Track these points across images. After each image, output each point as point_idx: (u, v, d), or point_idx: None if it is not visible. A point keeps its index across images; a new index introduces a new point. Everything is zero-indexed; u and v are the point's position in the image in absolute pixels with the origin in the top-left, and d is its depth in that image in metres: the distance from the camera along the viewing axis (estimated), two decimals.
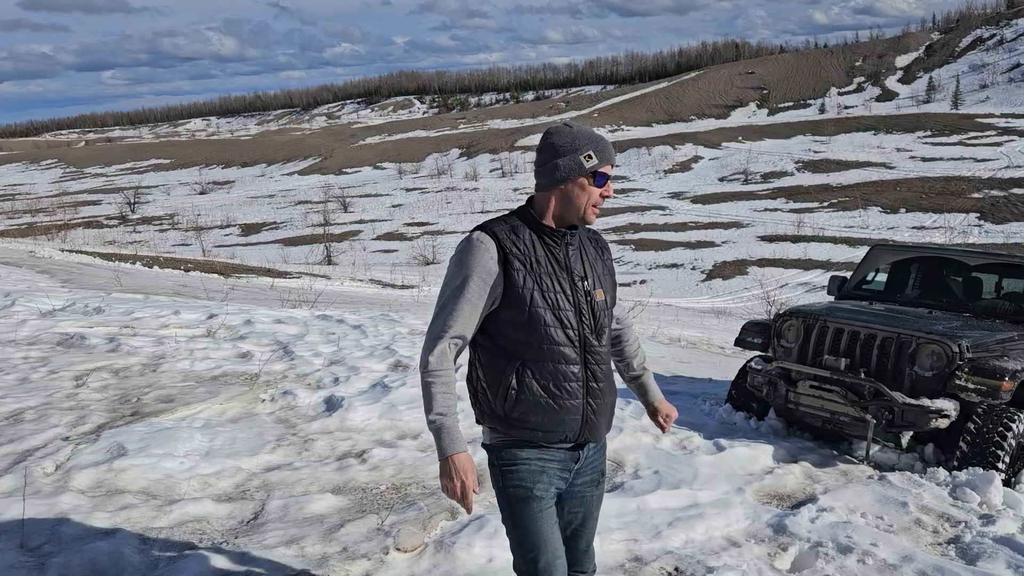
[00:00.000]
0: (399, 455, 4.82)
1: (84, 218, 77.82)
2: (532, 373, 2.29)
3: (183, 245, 59.01)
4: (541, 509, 2.35)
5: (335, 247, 54.25)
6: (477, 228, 2.34)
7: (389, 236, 63.14)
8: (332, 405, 5.71)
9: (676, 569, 3.64)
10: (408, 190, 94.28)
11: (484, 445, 2.44)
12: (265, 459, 4.59)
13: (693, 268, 43.47)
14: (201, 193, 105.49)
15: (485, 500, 4.18)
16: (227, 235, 70.23)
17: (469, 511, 2.30)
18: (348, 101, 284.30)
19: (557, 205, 2.35)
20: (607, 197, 2.39)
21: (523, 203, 2.44)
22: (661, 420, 2.76)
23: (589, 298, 2.37)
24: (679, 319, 22.33)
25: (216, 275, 20.90)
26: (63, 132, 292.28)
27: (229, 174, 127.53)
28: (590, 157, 2.32)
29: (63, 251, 23.09)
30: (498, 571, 3.45)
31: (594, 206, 2.36)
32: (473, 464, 2.27)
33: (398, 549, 3.50)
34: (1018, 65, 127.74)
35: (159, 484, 4.08)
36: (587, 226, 2.49)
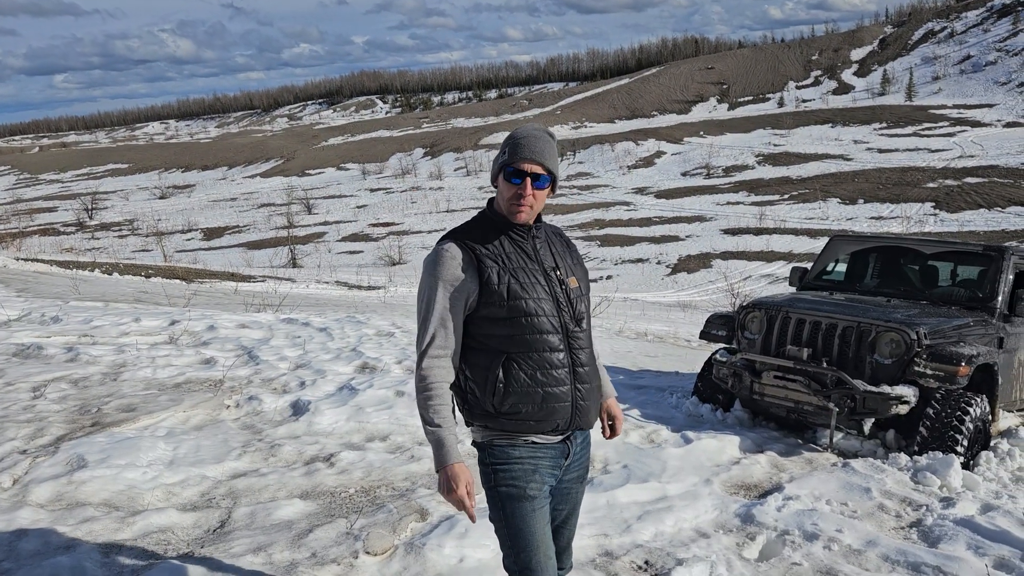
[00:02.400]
0: (368, 458, 4.78)
1: (40, 225, 76.03)
2: (518, 365, 2.32)
3: (144, 251, 57.94)
4: (534, 509, 2.37)
5: (300, 249, 53.64)
6: (444, 239, 2.38)
7: (354, 237, 62.66)
8: (299, 409, 5.65)
9: (646, 562, 3.67)
10: (372, 190, 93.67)
11: (475, 443, 2.45)
12: (231, 466, 4.52)
13: (658, 262, 43.80)
14: (161, 197, 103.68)
15: None
16: (189, 240, 69.14)
17: (473, 519, 2.32)
18: (309, 102, 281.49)
19: (498, 201, 2.42)
20: (522, 196, 2.33)
21: (486, 206, 2.49)
22: (606, 422, 2.72)
23: (564, 286, 2.42)
24: (645, 313, 22.49)
25: (178, 280, 20.54)
26: (15, 138, 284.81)
27: (189, 178, 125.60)
28: (503, 153, 2.36)
29: (18, 260, 22.51)
30: (469, 571, 3.44)
31: (516, 204, 2.35)
32: (469, 474, 2.30)
33: (368, 552, 3.47)
34: (968, 57, 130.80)
35: (121, 495, 4.00)
36: (552, 224, 2.58)
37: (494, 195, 2.46)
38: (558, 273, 2.43)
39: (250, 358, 7.20)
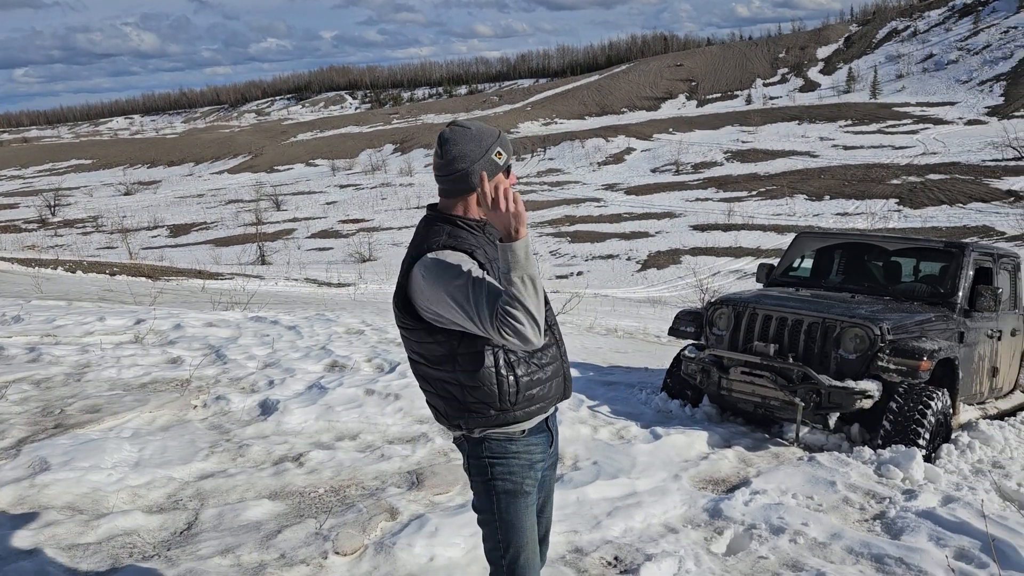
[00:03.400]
0: (337, 457, 4.76)
1: (0, 222, 74.37)
2: (518, 355, 2.32)
3: (108, 248, 56.91)
4: (528, 505, 2.39)
5: (269, 246, 53.05)
6: (427, 251, 2.27)
7: (324, 234, 62.13)
8: (267, 409, 5.60)
9: (615, 558, 3.70)
10: (342, 187, 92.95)
11: (466, 439, 2.40)
12: (198, 467, 4.47)
13: (628, 259, 44.03)
14: (126, 194, 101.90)
15: (425, 499, 4.17)
16: (155, 237, 68.06)
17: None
18: (278, 97, 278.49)
19: (475, 206, 2.38)
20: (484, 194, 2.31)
21: (429, 212, 2.43)
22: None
23: None
24: (615, 309, 22.61)
25: (144, 278, 20.21)
26: None
27: (155, 174, 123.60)
28: (500, 154, 2.38)
29: None
30: (439, 569, 3.44)
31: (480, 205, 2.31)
32: None
33: (337, 553, 3.46)
34: (931, 56, 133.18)
35: (85, 498, 3.94)
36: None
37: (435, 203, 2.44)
38: None
39: (218, 357, 7.12)
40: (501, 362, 2.31)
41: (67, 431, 4.86)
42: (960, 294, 6.23)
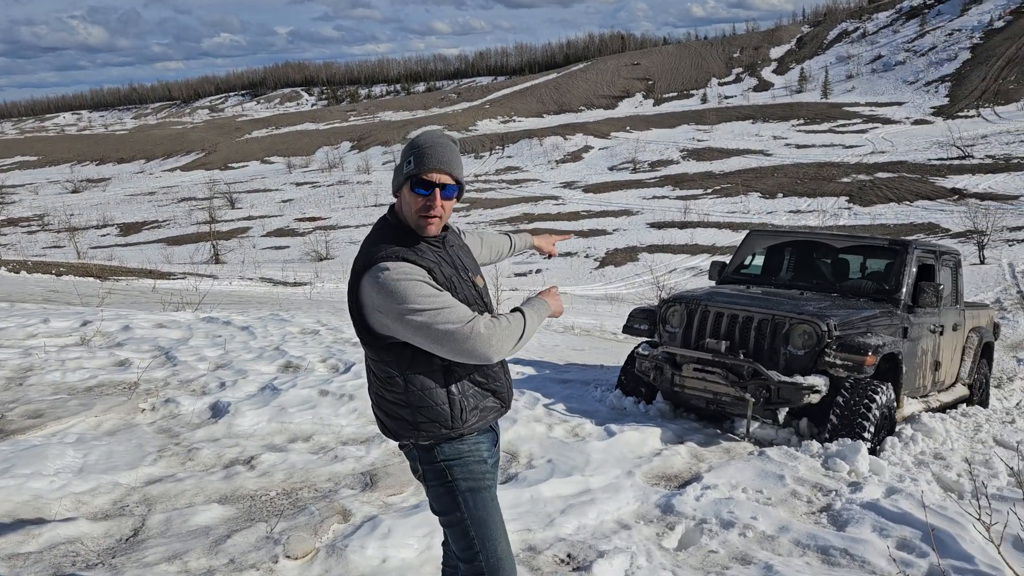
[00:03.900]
0: (290, 459, 4.71)
1: None
2: (464, 372, 2.34)
3: (55, 247, 55.41)
4: (492, 498, 2.42)
5: (223, 245, 52.18)
6: (380, 259, 2.20)
7: (280, 232, 61.33)
8: (218, 411, 5.51)
9: (568, 555, 3.72)
10: (298, 184, 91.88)
11: (416, 447, 2.39)
12: (146, 472, 4.38)
13: (586, 256, 44.29)
14: (74, 192, 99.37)
15: (378, 501, 4.15)
16: (104, 236, 66.47)
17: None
18: (232, 93, 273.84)
19: (403, 211, 2.33)
20: (431, 208, 2.27)
21: (388, 215, 2.39)
22: (549, 247, 3.29)
23: (476, 289, 2.44)
24: (573, 307, 22.74)
25: (92, 279, 19.72)
26: None
27: (104, 171, 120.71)
28: (409, 163, 2.27)
29: None
30: (392, 571, 3.43)
31: (425, 216, 2.27)
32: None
33: (288, 556, 3.42)
34: (879, 57, 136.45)
35: (26, 506, 3.83)
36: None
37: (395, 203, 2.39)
38: (469, 275, 2.44)
39: (167, 359, 6.98)
40: (453, 384, 2.33)
41: (7, 437, 4.72)
42: (904, 291, 6.40)
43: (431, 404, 2.30)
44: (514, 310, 2.33)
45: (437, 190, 2.27)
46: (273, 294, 20.04)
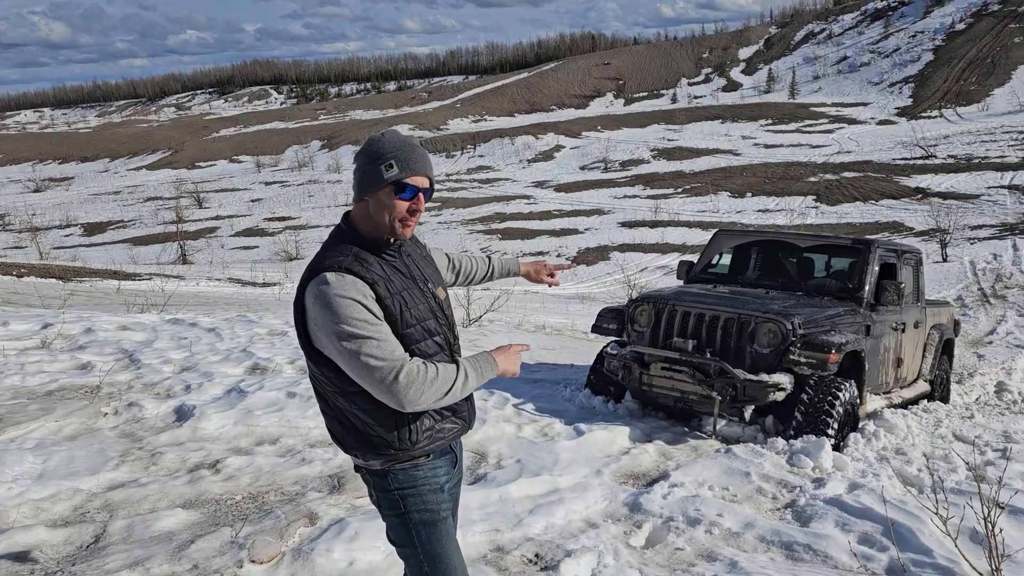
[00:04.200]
0: (256, 462, 4.66)
1: None
2: None
3: (16, 248, 54.23)
4: (448, 529, 2.30)
5: (190, 245, 51.44)
6: (324, 270, 2.10)
7: (249, 232, 60.64)
8: (183, 414, 5.44)
9: (536, 555, 3.73)
10: (268, 184, 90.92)
11: (370, 471, 2.27)
12: (107, 477, 4.31)
13: (558, 255, 44.37)
14: (36, 191, 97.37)
15: (346, 503, 4.13)
16: (67, 236, 65.24)
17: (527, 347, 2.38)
18: (199, 91, 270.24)
19: (367, 218, 2.21)
20: (417, 211, 2.21)
21: (341, 223, 2.28)
22: (545, 276, 3.01)
23: (436, 300, 2.32)
24: (545, 306, 22.79)
25: (54, 280, 19.35)
26: None
27: (67, 170, 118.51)
28: (391, 167, 2.17)
29: None
30: (358, 574, 3.41)
31: (407, 220, 2.21)
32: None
33: (253, 561, 3.38)
34: (845, 58, 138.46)
35: None
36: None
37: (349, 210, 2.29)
38: (430, 286, 2.32)
39: (131, 362, 6.88)
40: None
41: None
42: (867, 289, 6.51)
43: (380, 422, 2.17)
44: (456, 361, 2.17)
45: (421, 194, 2.21)
46: (241, 295, 19.82)
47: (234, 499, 4.15)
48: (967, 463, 4.92)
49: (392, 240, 2.24)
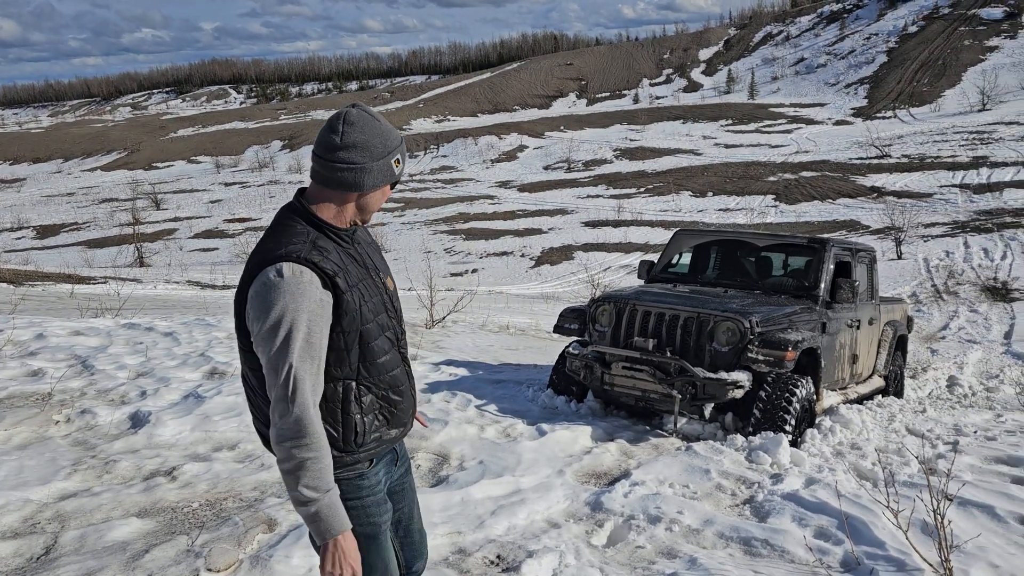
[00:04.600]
0: (214, 468, 4.59)
1: None
2: (368, 390, 2.10)
3: None
4: (388, 539, 2.20)
5: (148, 247, 50.51)
6: (280, 258, 1.93)
7: (208, 234, 59.75)
8: (138, 421, 5.34)
9: (498, 556, 3.73)
10: (227, 185, 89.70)
11: None
12: (59, 487, 4.21)
13: (522, 255, 44.47)
14: None
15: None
16: (19, 239, 63.64)
17: None
18: (155, 91, 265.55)
19: (335, 208, 2.07)
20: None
21: (296, 202, 2.09)
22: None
23: (387, 291, 2.22)
24: (509, 306, 22.80)
25: (4, 284, 18.86)
26: None
27: (19, 171, 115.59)
28: (399, 162, 2.11)
29: None
30: None
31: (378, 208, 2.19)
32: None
33: (210, 570, 3.33)
34: (802, 59, 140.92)
35: None
36: None
37: (302, 188, 2.13)
38: (380, 276, 2.21)
39: (84, 368, 6.73)
40: (352, 399, 2.07)
41: None
42: (822, 287, 6.62)
43: (330, 421, 2.05)
44: (328, 488, 1.93)
45: None
46: (200, 298, 19.51)
47: (191, 507, 4.08)
48: (917, 457, 5.03)
49: (351, 225, 2.12)
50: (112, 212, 71.59)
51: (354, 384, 2.07)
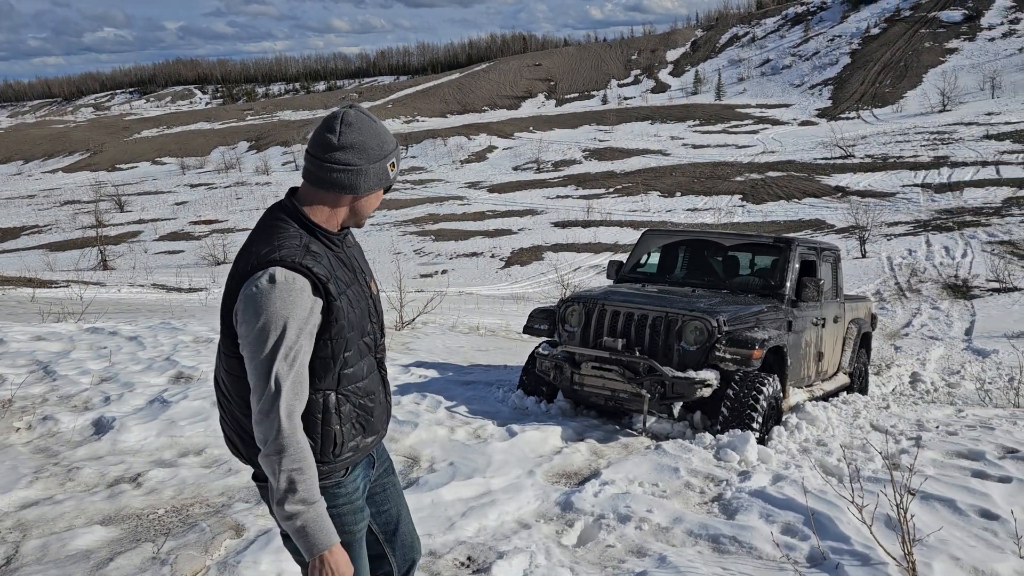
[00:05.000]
0: (180, 474, 4.53)
1: None
2: (346, 399, 2.05)
3: None
4: (362, 547, 2.16)
5: (111, 250, 49.58)
6: (274, 263, 1.89)
7: (174, 236, 58.86)
8: (102, 427, 5.25)
9: (469, 558, 3.73)
10: (193, 186, 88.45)
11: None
12: (20, 495, 4.13)
13: (492, 256, 44.44)
14: None
15: None
16: None
17: None
18: (118, 91, 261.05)
19: (346, 212, 2.05)
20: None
21: (287, 202, 2.04)
22: None
23: (372, 296, 2.17)
24: (480, 307, 22.79)
25: None
26: None
27: None
28: (394, 165, 2.08)
29: None
30: None
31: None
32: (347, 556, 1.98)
33: None
34: (768, 61, 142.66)
35: None
36: None
37: (294, 188, 2.09)
38: (366, 279, 2.17)
39: (46, 374, 6.60)
40: (332, 410, 2.03)
41: None
42: (788, 286, 6.71)
43: (309, 431, 2.00)
44: (315, 500, 1.90)
45: None
46: (166, 301, 19.24)
47: (156, 513, 4.02)
48: (880, 452, 5.12)
49: (342, 228, 2.09)
50: (74, 214, 70.25)
51: (334, 395, 2.03)
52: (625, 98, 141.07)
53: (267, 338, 1.86)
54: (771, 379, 5.87)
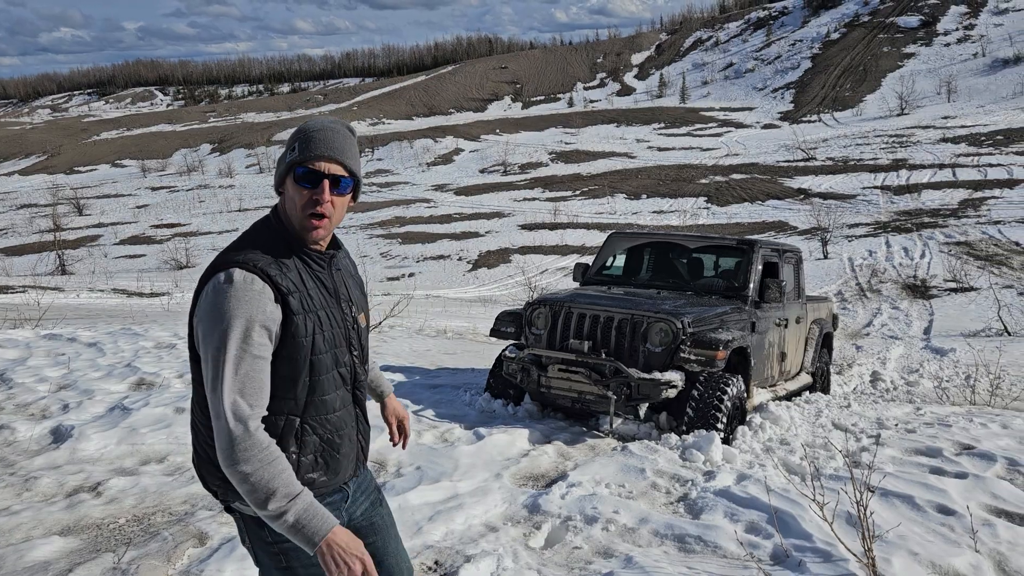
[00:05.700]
0: (141, 483, 4.46)
1: None
2: (311, 429, 1.94)
3: None
4: None
5: (70, 255, 48.57)
6: (234, 264, 1.83)
7: (135, 240, 57.82)
8: (60, 436, 5.15)
9: (436, 563, 3.72)
10: (154, 189, 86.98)
11: (245, 517, 1.95)
12: None
13: (459, 259, 44.35)
14: None
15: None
16: None
17: None
18: (76, 92, 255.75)
19: (292, 215, 1.94)
20: (319, 204, 1.91)
21: (271, 212, 2.00)
22: (394, 426, 2.50)
23: (356, 326, 2.07)
24: (447, 310, 22.73)
25: None
26: None
27: None
28: (292, 149, 1.92)
29: None
30: None
31: (311, 215, 1.92)
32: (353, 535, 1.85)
33: None
34: (731, 64, 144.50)
35: None
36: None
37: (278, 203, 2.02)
38: (352, 309, 2.06)
39: (2, 381, 6.45)
40: (292, 435, 1.91)
41: None
42: (751, 287, 6.81)
43: None
44: (298, 491, 1.79)
45: (326, 182, 1.90)
46: (127, 306, 18.88)
47: (117, 523, 3.95)
48: (841, 450, 5.22)
49: (314, 246, 1.97)
50: (31, 218, 68.71)
51: (298, 421, 1.92)
52: (591, 101, 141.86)
53: (220, 337, 1.78)
54: (735, 380, 5.94)
